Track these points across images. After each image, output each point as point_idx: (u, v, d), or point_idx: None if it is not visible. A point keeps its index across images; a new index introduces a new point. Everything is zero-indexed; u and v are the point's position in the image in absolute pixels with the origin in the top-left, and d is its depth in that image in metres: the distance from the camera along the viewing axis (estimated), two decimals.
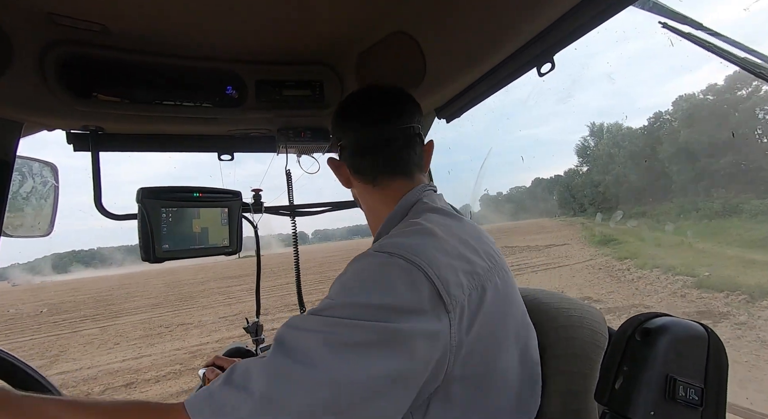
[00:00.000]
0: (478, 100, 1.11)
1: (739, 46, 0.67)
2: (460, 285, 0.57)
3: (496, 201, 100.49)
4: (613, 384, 0.55)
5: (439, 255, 0.57)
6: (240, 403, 0.48)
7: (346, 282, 0.57)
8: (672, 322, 0.57)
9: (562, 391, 0.68)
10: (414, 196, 0.76)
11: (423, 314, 0.52)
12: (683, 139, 37.47)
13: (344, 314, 0.52)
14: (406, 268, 0.54)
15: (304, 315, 0.55)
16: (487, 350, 0.59)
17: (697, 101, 39.33)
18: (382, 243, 0.61)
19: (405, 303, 0.52)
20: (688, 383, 0.52)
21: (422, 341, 0.52)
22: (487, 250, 0.66)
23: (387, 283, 0.54)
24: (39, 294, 27.76)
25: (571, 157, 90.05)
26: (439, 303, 0.54)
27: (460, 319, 0.55)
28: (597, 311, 0.79)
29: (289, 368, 0.49)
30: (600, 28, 0.77)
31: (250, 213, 1.29)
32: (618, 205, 42.50)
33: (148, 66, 0.97)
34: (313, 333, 0.51)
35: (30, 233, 1.08)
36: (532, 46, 0.84)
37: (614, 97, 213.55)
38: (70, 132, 1.10)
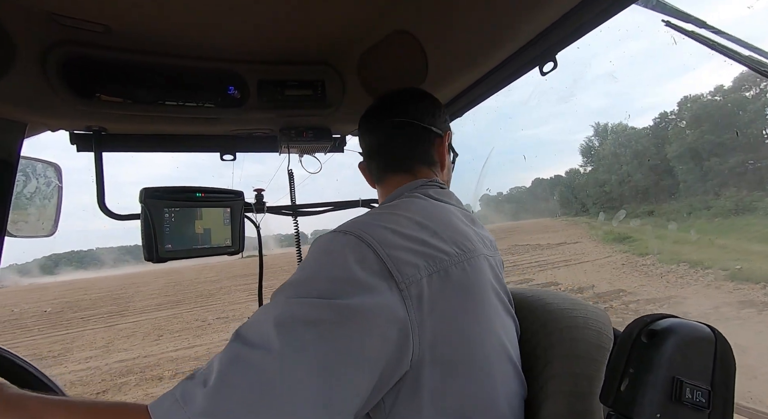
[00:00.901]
0: (479, 100, 1.11)
1: (743, 44, 0.67)
2: (414, 266, 0.57)
3: (496, 201, 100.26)
4: (618, 386, 0.55)
5: (390, 235, 0.59)
6: (196, 393, 0.47)
7: (305, 261, 0.59)
8: (678, 324, 0.56)
9: (566, 392, 0.67)
10: (406, 189, 0.78)
11: (373, 290, 0.53)
12: (691, 139, 37.37)
13: (299, 293, 0.53)
14: (356, 244, 0.57)
15: (260, 306, 0.57)
16: (459, 335, 0.59)
17: (705, 102, 39.16)
18: (343, 223, 0.63)
19: (356, 278, 0.53)
20: (695, 385, 0.52)
21: (376, 317, 0.52)
22: (459, 239, 0.66)
23: (339, 259, 0.55)
24: (45, 294, 28.02)
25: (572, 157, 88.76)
26: (390, 279, 0.54)
27: (418, 299, 0.55)
28: (602, 312, 0.78)
29: (240, 351, 0.49)
30: (603, 27, 0.76)
31: (252, 213, 1.29)
32: (623, 205, 42.36)
33: (150, 66, 0.98)
34: (266, 316, 0.51)
35: (34, 233, 1.09)
36: (535, 44, 0.83)
37: (616, 96, 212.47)
38: (73, 132, 1.10)
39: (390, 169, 0.84)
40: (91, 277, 51.25)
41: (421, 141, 0.83)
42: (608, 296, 10.07)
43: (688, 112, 40.67)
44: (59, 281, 49.79)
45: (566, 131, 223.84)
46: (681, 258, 13.29)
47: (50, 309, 18.51)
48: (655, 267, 12.96)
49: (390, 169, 0.84)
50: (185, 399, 0.47)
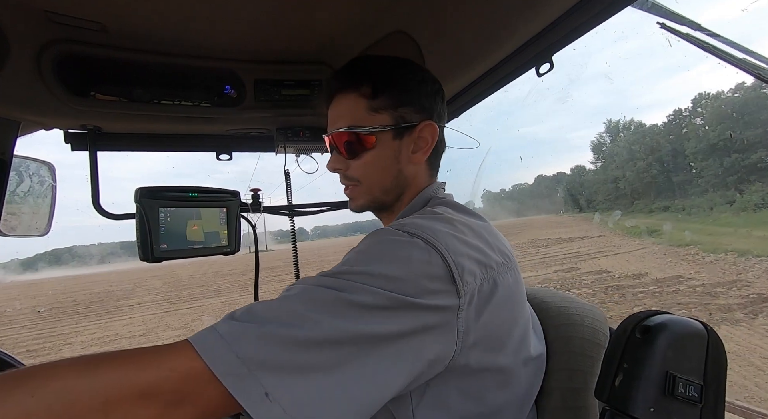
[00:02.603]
0: (476, 100, 1.11)
1: (737, 47, 0.68)
2: (473, 274, 0.57)
3: (499, 198, 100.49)
4: (613, 381, 0.56)
5: (456, 242, 0.58)
6: (242, 333, 0.46)
7: (364, 253, 0.57)
8: (671, 320, 0.57)
9: (562, 388, 0.68)
10: (431, 191, 0.77)
11: (435, 294, 0.53)
12: (711, 136, 37.61)
13: (359, 279, 0.51)
14: (424, 249, 0.55)
15: (316, 276, 0.55)
16: (492, 345, 0.59)
17: (725, 99, 39.44)
18: (401, 223, 0.61)
19: (420, 281, 0.52)
20: (687, 380, 0.53)
21: (431, 318, 0.52)
22: (501, 248, 0.66)
23: (405, 260, 0.53)
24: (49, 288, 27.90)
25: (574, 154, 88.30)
26: (452, 287, 0.54)
27: (468, 305, 0.55)
28: (598, 310, 0.79)
29: (293, 311, 0.49)
30: (598, 28, 0.77)
31: (248, 213, 1.29)
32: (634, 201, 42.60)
33: (146, 65, 0.97)
34: (323, 289, 0.51)
35: (27, 232, 1.08)
36: (531, 46, 0.84)
37: (616, 94, 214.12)
38: (68, 131, 1.09)
39: (438, 167, 0.82)
40: (79, 274, 51.24)
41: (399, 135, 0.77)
42: (667, 281, 10.46)
43: (705, 108, 40.85)
44: (42, 278, 49.71)
45: (566, 128, 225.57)
46: (727, 248, 13.95)
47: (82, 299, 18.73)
48: (700, 257, 13.60)
49: (438, 167, 0.82)
50: (227, 337, 0.46)
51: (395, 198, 0.78)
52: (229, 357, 0.44)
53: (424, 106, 0.75)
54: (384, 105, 0.73)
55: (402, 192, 0.77)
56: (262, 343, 0.45)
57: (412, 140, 0.74)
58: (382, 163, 0.75)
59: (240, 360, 0.44)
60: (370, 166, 0.75)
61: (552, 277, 12.36)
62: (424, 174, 0.78)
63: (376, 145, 0.74)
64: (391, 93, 0.73)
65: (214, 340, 0.46)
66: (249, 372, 0.44)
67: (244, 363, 0.44)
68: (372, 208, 0.81)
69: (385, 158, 0.74)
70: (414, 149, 0.75)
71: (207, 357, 0.44)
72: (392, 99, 0.73)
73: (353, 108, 0.75)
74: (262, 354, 0.45)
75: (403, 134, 0.74)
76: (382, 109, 0.73)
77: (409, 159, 0.75)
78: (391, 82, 0.74)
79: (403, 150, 0.75)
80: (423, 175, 0.78)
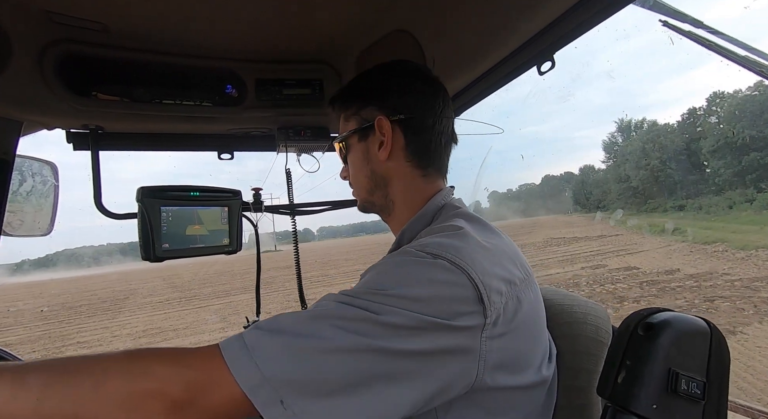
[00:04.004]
0: (478, 99, 1.11)
1: (739, 44, 0.67)
2: (499, 292, 0.55)
3: (506, 198, 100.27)
4: (615, 379, 0.56)
5: (481, 260, 0.56)
6: (266, 344, 0.48)
7: (386, 275, 0.56)
8: (674, 317, 0.57)
9: (566, 387, 0.68)
10: (442, 198, 0.75)
11: (460, 316, 0.52)
12: (729, 134, 37.32)
13: (384, 300, 0.51)
14: (450, 270, 0.53)
15: (340, 294, 0.55)
16: (516, 363, 0.58)
17: (743, 97, 39.10)
18: (421, 243, 0.59)
19: (447, 303, 0.51)
20: (690, 377, 0.53)
21: (454, 340, 0.51)
22: (523, 263, 0.65)
23: (430, 282, 0.53)
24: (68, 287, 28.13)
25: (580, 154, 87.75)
26: (479, 307, 0.53)
27: (494, 326, 0.54)
28: (601, 307, 0.79)
29: (317, 326, 0.49)
30: (600, 26, 0.76)
31: (250, 212, 1.29)
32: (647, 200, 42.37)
33: (147, 65, 0.97)
34: (347, 306, 0.51)
35: (30, 232, 1.08)
36: (532, 44, 0.83)
37: (621, 93, 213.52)
38: (70, 131, 1.09)
39: (432, 164, 0.77)
40: (70, 277, 51.71)
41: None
42: (701, 277, 10.45)
43: (720, 107, 40.48)
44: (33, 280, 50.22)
45: (571, 127, 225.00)
46: (757, 245, 13.97)
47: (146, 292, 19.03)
48: (730, 253, 13.60)
49: (432, 164, 0.77)
50: (253, 346, 0.48)
51: (382, 198, 0.78)
52: (251, 366, 0.47)
53: (386, 102, 0.75)
54: (352, 112, 0.78)
55: (386, 191, 0.77)
56: (283, 355, 0.47)
57: (377, 139, 0.75)
58: (357, 166, 0.79)
59: (260, 370, 0.47)
60: (352, 169, 0.81)
61: (581, 273, 12.31)
62: (408, 172, 0.76)
63: (349, 150, 0.80)
64: (356, 99, 0.78)
65: (239, 348, 0.49)
66: (267, 382, 0.46)
67: (263, 373, 0.47)
68: (369, 209, 0.84)
69: (358, 160, 0.79)
70: (379, 147, 0.75)
71: (231, 364, 0.47)
72: (357, 104, 0.78)
73: (339, 123, 0.82)
74: (281, 365, 0.47)
75: (367, 135, 0.76)
76: (351, 116, 0.78)
77: (377, 157, 0.75)
78: (357, 89, 0.79)
79: (370, 149, 0.76)
80: (407, 173, 0.76)
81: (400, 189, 0.77)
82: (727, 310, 7.50)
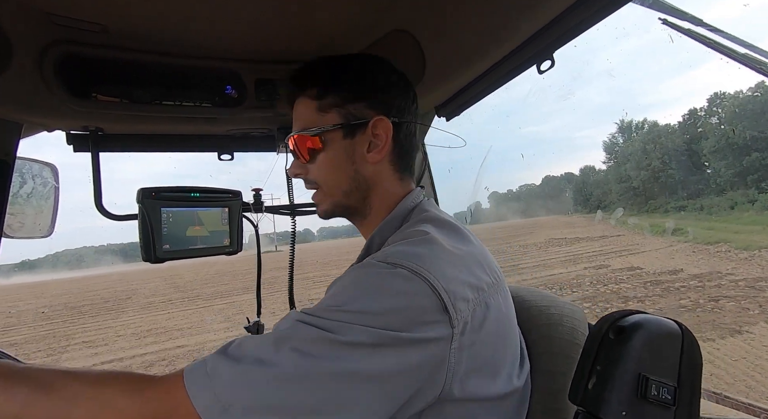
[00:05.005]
0: (477, 98, 1.11)
1: (739, 42, 0.67)
2: (465, 299, 0.54)
3: (506, 198, 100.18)
4: (586, 384, 0.54)
5: (444, 266, 0.54)
6: (225, 371, 0.49)
7: (348, 289, 0.55)
8: (646, 319, 0.56)
9: (542, 391, 0.67)
10: (411, 201, 0.73)
11: (422, 327, 0.50)
12: (730, 135, 37.32)
13: (344, 318, 0.50)
14: (409, 279, 0.52)
15: (303, 313, 0.53)
16: (488, 372, 0.57)
17: (744, 98, 39.07)
18: (385, 252, 0.58)
19: (408, 314, 0.50)
20: (661, 382, 0.51)
21: (417, 352, 0.50)
22: (492, 267, 0.64)
23: (390, 293, 0.51)
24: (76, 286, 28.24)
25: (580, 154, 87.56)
26: (444, 316, 0.51)
27: (462, 335, 0.53)
28: (578, 308, 0.78)
29: (278, 351, 0.49)
30: (600, 25, 0.76)
31: (250, 213, 1.29)
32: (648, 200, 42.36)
33: (147, 66, 0.97)
34: (309, 327, 0.50)
35: (31, 234, 1.08)
36: (532, 43, 0.83)
37: (621, 92, 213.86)
38: (70, 132, 1.10)
39: (409, 168, 0.76)
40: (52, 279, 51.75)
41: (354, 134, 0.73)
42: (704, 277, 10.47)
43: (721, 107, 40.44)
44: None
45: (571, 128, 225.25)
46: (760, 245, 14.03)
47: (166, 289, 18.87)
48: (733, 253, 13.65)
49: (409, 168, 0.76)
50: (213, 374, 0.49)
51: (360, 201, 0.74)
52: (209, 395, 0.48)
53: (379, 101, 0.71)
54: (331, 104, 0.71)
55: (366, 195, 0.73)
56: (242, 383, 0.48)
57: (367, 139, 0.70)
58: (335, 165, 0.72)
59: (217, 398, 0.47)
60: (325, 168, 0.73)
61: (584, 274, 12.33)
62: (389, 176, 0.73)
63: (326, 146, 0.71)
64: (338, 90, 0.71)
65: (201, 376, 0.49)
66: (224, 410, 0.47)
67: (220, 401, 0.47)
68: (339, 213, 0.77)
69: (338, 159, 0.71)
70: (369, 148, 0.70)
71: (192, 393, 0.48)
72: (340, 97, 0.70)
73: (304, 111, 0.73)
74: (239, 393, 0.47)
75: (354, 132, 0.70)
76: (330, 107, 0.71)
77: (365, 158, 0.71)
78: (339, 79, 0.72)
79: (357, 149, 0.71)
80: (388, 176, 0.73)
81: (379, 192, 0.73)
82: (733, 310, 7.51)
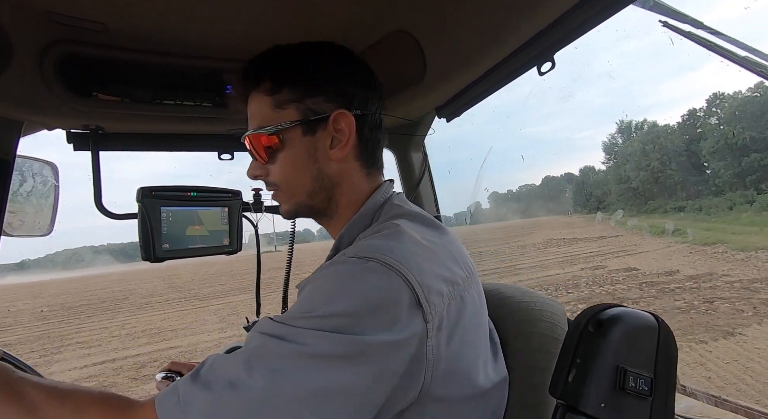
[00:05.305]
0: (478, 99, 1.11)
1: (739, 45, 0.67)
2: (440, 293, 0.53)
3: (506, 199, 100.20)
4: (566, 377, 0.55)
5: (418, 259, 0.53)
6: (198, 399, 0.48)
7: (315, 294, 0.52)
8: (624, 313, 0.57)
9: (521, 386, 0.67)
10: (381, 195, 0.70)
11: (397, 323, 0.48)
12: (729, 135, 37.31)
13: (311, 325, 0.48)
14: (382, 273, 0.50)
15: (273, 322, 0.52)
16: (468, 367, 0.56)
17: (743, 99, 39.07)
18: (356, 247, 0.56)
19: (379, 313, 0.48)
20: (638, 373, 0.53)
21: (394, 353, 0.48)
22: (466, 261, 0.63)
23: (362, 291, 0.49)
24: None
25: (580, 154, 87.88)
26: (417, 311, 0.50)
27: (438, 331, 0.51)
28: (557, 304, 0.78)
29: (252, 372, 0.47)
30: (600, 27, 0.76)
31: (250, 213, 1.29)
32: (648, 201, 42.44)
33: (148, 65, 0.97)
34: (276, 340, 0.49)
35: (30, 232, 1.08)
36: (532, 44, 0.83)
37: (621, 94, 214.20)
38: (70, 131, 1.09)
39: (376, 163, 0.73)
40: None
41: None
42: (700, 278, 10.46)
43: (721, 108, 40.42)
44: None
45: (571, 129, 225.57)
46: (756, 246, 13.94)
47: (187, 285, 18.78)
48: (728, 255, 13.61)
49: (376, 163, 0.73)
50: (185, 402, 0.48)
51: (325, 201, 0.70)
52: None
53: (338, 93, 0.66)
54: (288, 99, 0.65)
55: (332, 194, 0.69)
56: (214, 410, 0.47)
57: (328, 134, 0.66)
58: (296, 164, 0.67)
59: None
60: (285, 169, 0.68)
61: (581, 275, 12.34)
62: (356, 172, 0.70)
63: (285, 145, 0.66)
64: (294, 84, 0.66)
65: (173, 405, 0.48)
66: None
67: None
68: (303, 214, 0.73)
69: (299, 158, 0.67)
70: (332, 144, 0.66)
71: None
72: (297, 91, 0.65)
73: (259, 108, 0.68)
74: None
75: (315, 129, 0.65)
76: (286, 103, 0.65)
77: (328, 156, 0.66)
78: (293, 71, 0.66)
79: (319, 146, 0.66)
80: (355, 173, 0.70)
81: (346, 190, 0.70)
82: (727, 311, 7.52)
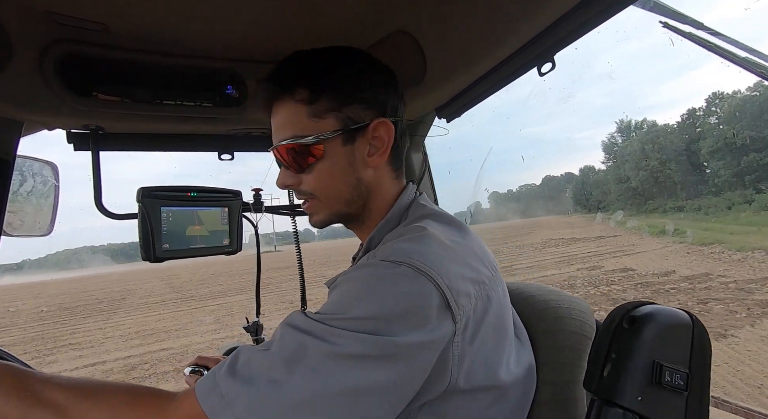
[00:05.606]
0: (478, 100, 1.11)
1: (739, 46, 0.67)
2: (468, 295, 0.55)
3: (506, 198, 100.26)
4: (601, 372, 0.57)
5: (447, 263, 0.54)
6: (242, 395, 0.48)
7: (347, 296, 0.54)
8: (658, 310, 0.58)
9: (551, 381, 0.69)
10: (407, 197, 0.72)
11: (428, 325, 0.50)
12: (728, 134, 37.36)
13: (346, 326, 0.50)
14: (413, 278, 0.51)
15: (308, 319, 0.53)
16: (490, 362, 0.58)
17: (742, 98, 39.06)
18: (386, 250, 0.57)
19: (411, 315, 0.50)
20: (674, 368, 0.54)
21: (424, 353, 0.51)
22: (490, 260, 0.64)
23: (393, 295, 0.51)
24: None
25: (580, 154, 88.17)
26: (447, 313, 0.52)
27: (464, 329, 0.54)
28: (584, 302, 0.79)
29: (293, 373, 0.49)
30: (600, 28, 0.77)
31: (250, 213, 1.29)
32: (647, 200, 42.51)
33: (148, 65, 0.97)
34: (313, 339, 0.50)
35: (30, 232, 1.08)
36: (533, 45, 0.84)
37: (621, 95, 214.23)
38: (71, 131, 1.09)
39: (402, 165, 0.74)
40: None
41: None
42: (696, 279, 10.45)
43: (720, 108, 40.45)
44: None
45: (571, 129, 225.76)
46: (753, 246, 14.00)
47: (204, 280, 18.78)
48: (726, 255, 13.63)
49: (402, 165, 0.74)
50: (228, 398, 0.49)
51: (361, 208, 0.70)
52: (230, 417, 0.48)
53: (374, 101, 0.67)
54: (326, 108, 0.64)
55: (367, 200, 0.70)
56: (260, 407, 0.48)
57: (366, 142, 0.66)
58: (336, 174, 0.66)
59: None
60: (324, 178, 0.67)
61: (577, 275, 12.37)
62: (387, 177, 0.71)
63: (325, 154, 0.65)
64: (332, 92, 0.64)
65: (218, 401, 0.49)
66: None
67: None
68: (336, 221, 0.74)
69: (339, 168, 0.66)
70: (370, 152, 0.67)
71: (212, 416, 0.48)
72: (335, 99, 0.64)
73: (292, 116, 0.66)
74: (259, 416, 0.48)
75: (354, 137, 0.65)
76: (325, 112, 0.64)
77: (366, 163, 0.67)
78: (330, 79, 0.65)
79: (358, 154, 0.66)
80: (386, 178, 0.71)
81: (379, 195, 0.70)
82: (720, 313, 7.50)
